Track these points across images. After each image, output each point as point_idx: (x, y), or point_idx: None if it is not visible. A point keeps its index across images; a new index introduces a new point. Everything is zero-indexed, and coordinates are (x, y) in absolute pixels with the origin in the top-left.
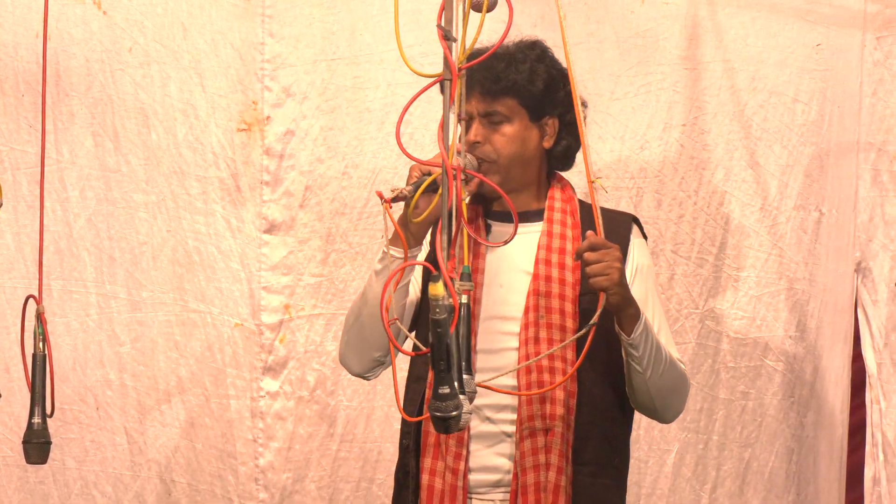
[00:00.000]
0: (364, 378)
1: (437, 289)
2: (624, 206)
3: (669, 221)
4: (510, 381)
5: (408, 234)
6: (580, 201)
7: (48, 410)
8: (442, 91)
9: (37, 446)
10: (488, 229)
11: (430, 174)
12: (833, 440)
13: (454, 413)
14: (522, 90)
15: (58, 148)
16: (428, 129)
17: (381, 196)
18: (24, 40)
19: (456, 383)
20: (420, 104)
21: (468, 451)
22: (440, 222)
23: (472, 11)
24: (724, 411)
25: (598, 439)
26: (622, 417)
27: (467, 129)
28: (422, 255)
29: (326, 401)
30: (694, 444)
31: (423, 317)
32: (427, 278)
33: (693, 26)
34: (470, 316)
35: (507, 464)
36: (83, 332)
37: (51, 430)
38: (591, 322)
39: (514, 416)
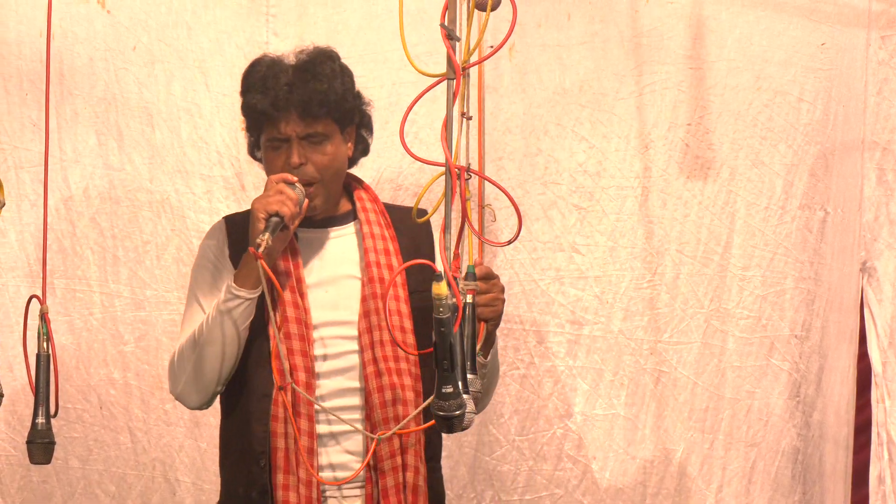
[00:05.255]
0: (200, 409)
1: (441, 288)
2: (629, 206)
3: (675, 221)
4: (353, 382)
5: (255, 273)
6: (385, 203)
7: (52, 410)
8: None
9: (41, 446)
10: (296, 236)
11: (277, 214)
12: (839, 439)
13: (457, 412)
14: (339, 108)
15: (61, 146)
16: (433, 129)
17: (254, 252)
18: (27, 39)
19: (460, 382)
20: (425, 103)
21: (317, 457)
22: (443, 221)
23: (476, 11)
24: (730, 411)
25: (438, 436)
26: None
27: (283, 151)
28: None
29: None
30: (700, 443)
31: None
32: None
33: (697, 25)
34: (475, 316)
35: (353, 459)
36: (87, 330)
37: (54, 429)
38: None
39: (359, 415)
